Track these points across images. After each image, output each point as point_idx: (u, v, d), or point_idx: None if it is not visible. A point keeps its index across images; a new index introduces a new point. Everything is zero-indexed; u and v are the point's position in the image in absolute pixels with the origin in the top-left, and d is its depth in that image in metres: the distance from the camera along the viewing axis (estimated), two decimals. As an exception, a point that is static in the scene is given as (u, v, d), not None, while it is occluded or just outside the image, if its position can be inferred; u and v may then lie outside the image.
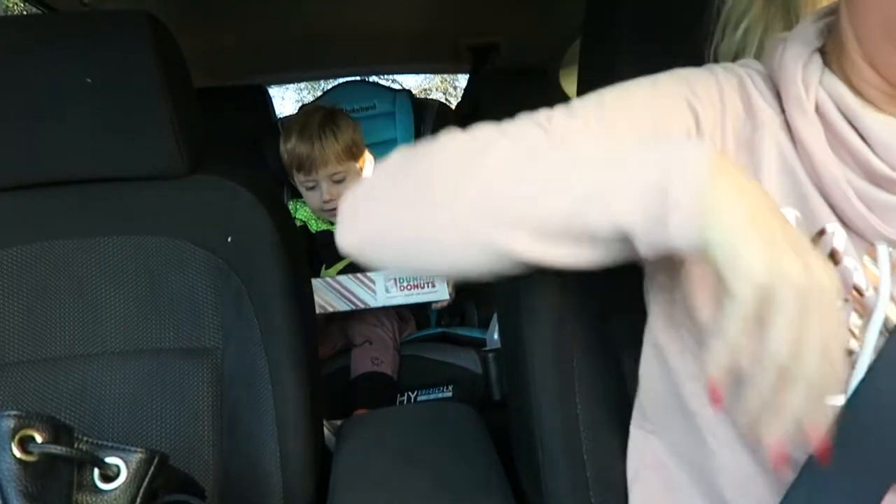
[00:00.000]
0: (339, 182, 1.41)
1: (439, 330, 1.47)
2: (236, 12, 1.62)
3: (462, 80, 2.37)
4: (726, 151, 0.50)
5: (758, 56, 0.58)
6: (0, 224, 0.79)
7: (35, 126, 0.76)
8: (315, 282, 1.32)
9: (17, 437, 0.48)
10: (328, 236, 1.47)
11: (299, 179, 1.42)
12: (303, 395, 0.77)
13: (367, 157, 1.49)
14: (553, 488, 0.65)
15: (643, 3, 0.68)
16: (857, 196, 0.47)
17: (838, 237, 0.48)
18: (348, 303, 1.32)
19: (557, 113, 0.50)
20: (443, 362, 1.38)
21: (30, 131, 0.76)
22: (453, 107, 2.05)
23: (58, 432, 0.51)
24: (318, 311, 1.31)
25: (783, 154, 0.50)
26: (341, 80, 1.86)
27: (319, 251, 1.45)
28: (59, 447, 0.50)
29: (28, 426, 0.49)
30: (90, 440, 0.53)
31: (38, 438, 0.49)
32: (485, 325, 1.58)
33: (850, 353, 0.47)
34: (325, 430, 1.11)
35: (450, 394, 1.37)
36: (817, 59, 0.50)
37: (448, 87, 8.57)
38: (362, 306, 1.33)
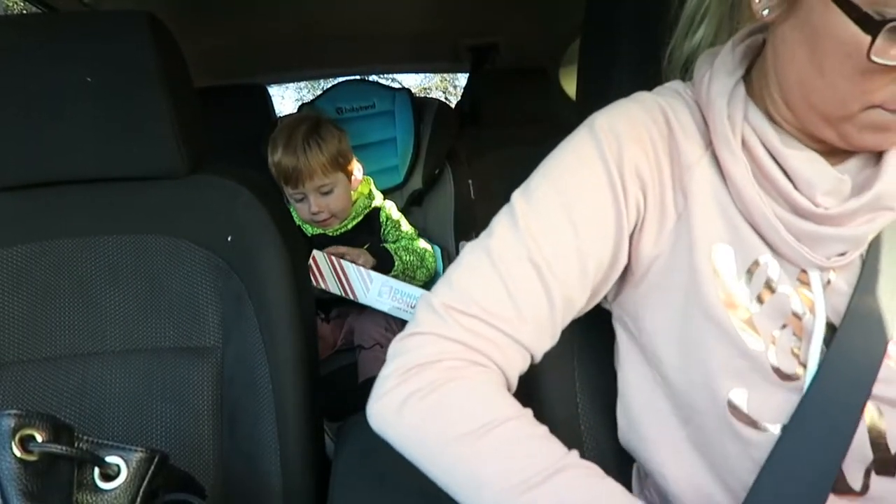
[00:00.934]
0: (326, 194, 1.39)
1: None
2: (236, 12, 1.62)
3: (462, 79, 2.37)
4: (666, 204, 0.52)
5: None
6: (1, 223, 0.79)
7: (36, 126, 0.76)
8: (318, 255, 1.31)
9: (17, 437, 0.48)
10: (324, 239, 1.47)
11: (287, 192, 1.41)
12: (303, 394, 0.77)
13: (356, 165, 1.48)
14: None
15: (642, 3, 0.69)
16: (785, 228, 0.49)
17: (772, 267, 0.50)
18: (340, 288, 1.32)
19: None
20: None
21: (30, 131, 0.76)
22: (453, 105, 2.05)
23: (58, 431, 0.51)
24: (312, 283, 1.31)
25: (714, 189, 0.52)
26: (341, 80, 1.85)
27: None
28: (59, 446, 0.50)
29: (28, 425, 0.49)
30: (90, 439, 0.53)
31: (39, 437, 0.49)
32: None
33: (796, 376, 0.49)
34: (325, 437, 1.11)
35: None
36: (741, 92, 0.52)
37: (448, 86, 8.57)
38: (350, 297, 1.33)
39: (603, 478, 0.46)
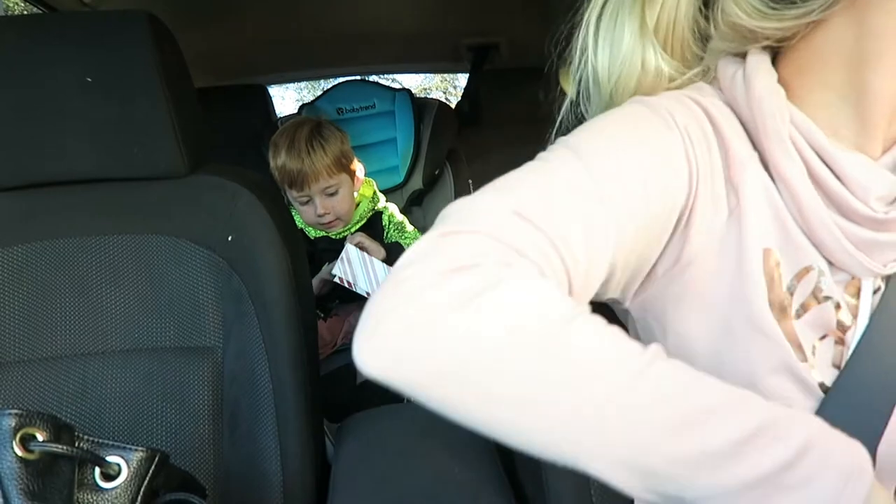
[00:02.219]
0: (332, 195, 1.39)
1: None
2: (237, 12, 1.63)
3: (462, 79, 2.38)
4: (718, 195, 0.48)
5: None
6: (1, 223, 0.80)
7: (36, 126, 0.76)
8: (352, 251, 1.31)
9: (18, 436, 0.48)
10: (327, 242, 1.47)
11: (292, 195, 1.40)
12: (303, 394, 0.77)
13: (357, 165, 1.48)
14: (554, 487, 0.65)
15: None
16: (843, 235, 0.47)
17: (822, 275, 0.48)
18: (370, 287, 1.31)
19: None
20: (443, 362, 1.38)
21: (31, 131, 0.76)
22: (453, 106, 2.05)
23: (59, 431, 0.51)
24: (338, 277, 1.31)
25: (767, 192, 0.49)
26: (341, 80, 1.86)
27: (321, 255, 1.45)
28: (60, 446, 0.50)
29: (29, 425, 0.49)
30: (91, 439, 0.53)
31: (40, 437, 0.50)
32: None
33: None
34: (326, 426, 1.11)
35: (450, 393, 1.36)
36: (782, 92, 0.48)
37: (448, 87, 8.57)
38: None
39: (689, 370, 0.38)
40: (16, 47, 0.75)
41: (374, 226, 1.50)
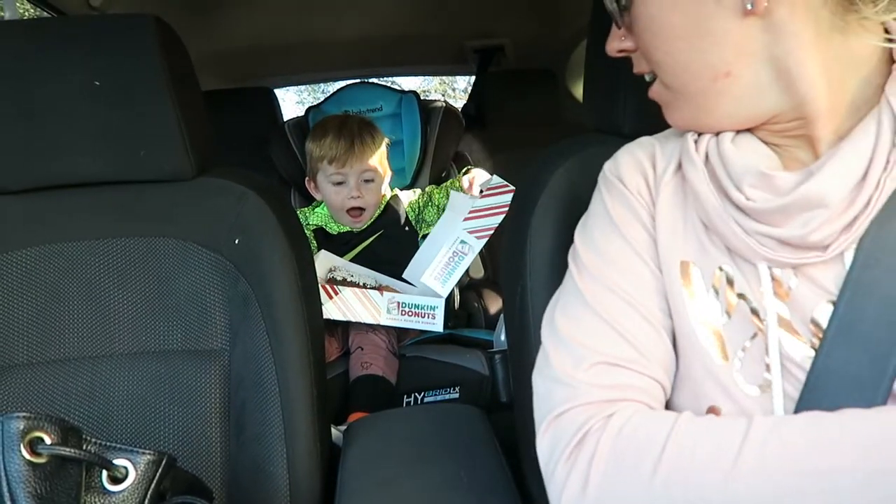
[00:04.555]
0: (368, 182, 1.46)
1: (446, 331, 1.47)
2: (242, 16, 1.63)
3: (461, 81, 2.38)
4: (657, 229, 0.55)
5: None
6: (10, 226, 0.80)
7: (44, 129, 0.76)
8: (346, 291, 1.34)
9: (26, 439, 0.48)
10: (349, 236, 1.50)
11: (327, 172, 1.45)
12: (310, 396, 0.77)
13: (388, 168, 1.54)
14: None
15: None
16: (735, 222, 0.49)
17: (732, 272, 0.50)
18: (343, 315, 1.32)
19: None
20: (449, 364, 1.38)
21: (39, 134, 0.76)
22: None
23: (66, 434, 0.51)
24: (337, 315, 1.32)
25: (681, 204, 0.54)
26: (346, 83, 1.86)
27: (339, 248, 1.46)
28: (67, 449, 0.50)
29: (37, 428, 0.49)
30: (98, 442, 0.53)
31: (47, 440, 0.50)
32: (491, 326, 1.58)
33: (766, 383, 0.47)
34: (333, 429, 1.11)
35: (456, 395, 1.36)
36: None
37: (447, 89, 8.59)
38: (355, 321, 1.33)
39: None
40: (24, 51, 0.75)
41: (388, 212, 1.55)
